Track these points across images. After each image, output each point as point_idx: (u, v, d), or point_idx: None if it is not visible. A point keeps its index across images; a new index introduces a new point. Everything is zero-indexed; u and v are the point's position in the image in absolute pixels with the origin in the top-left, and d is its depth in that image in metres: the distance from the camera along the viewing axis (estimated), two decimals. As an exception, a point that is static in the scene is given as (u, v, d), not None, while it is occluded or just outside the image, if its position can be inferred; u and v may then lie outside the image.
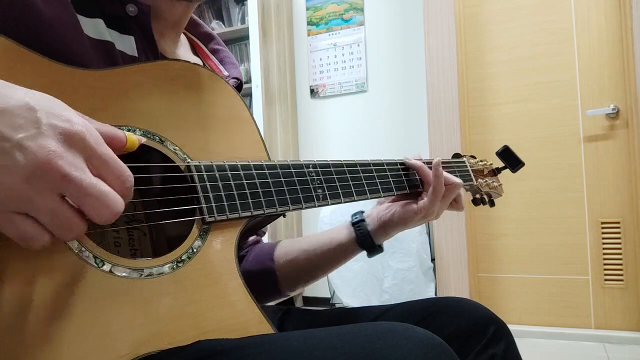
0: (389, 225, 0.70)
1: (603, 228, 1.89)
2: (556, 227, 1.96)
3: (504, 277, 2.05)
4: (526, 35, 2.00)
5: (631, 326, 1.85)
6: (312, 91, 2.43)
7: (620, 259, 1.86)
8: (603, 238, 1.89)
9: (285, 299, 0.76)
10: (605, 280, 1.89)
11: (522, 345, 0.61)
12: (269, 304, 0.76)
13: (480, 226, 2.08)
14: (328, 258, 0.71)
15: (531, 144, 1.99)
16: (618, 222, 1.87)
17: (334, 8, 2.38)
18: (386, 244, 0.75)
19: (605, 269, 1.89)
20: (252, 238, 0.74)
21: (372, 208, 0.72)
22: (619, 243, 1.87)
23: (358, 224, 0.70)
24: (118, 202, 0.34)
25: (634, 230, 1.84)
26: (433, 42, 2.06)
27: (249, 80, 2.33)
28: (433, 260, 2.01)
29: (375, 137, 2.27)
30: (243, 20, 2.45)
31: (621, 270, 1.86)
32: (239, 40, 2.46)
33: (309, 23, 2.44)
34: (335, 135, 2.38)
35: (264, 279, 0.70)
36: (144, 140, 0.42)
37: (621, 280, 1.86)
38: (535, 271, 1.99)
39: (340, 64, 2.36)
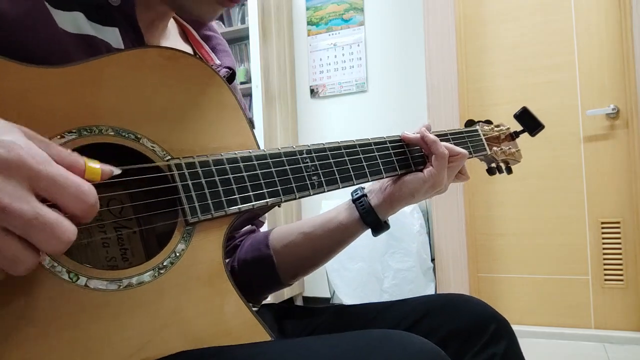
0: (395, 197, 0.65)
1: (603, 228, 1.89)
2: (556, 227, 1.96)
3: (504, 277, 2.04)
4: (526, 35, 2.00)
5: (631, 326, 1.84)
6: (312, 91, 2.43)
7: (620, 259, 1.86)
8: (603, 238, 1.89)
9: (284, 289, 0.73)
10: (605, 280, 1.89)
11: (522, 345, 0.60)
12: (268, 296, 0.73)
13: (480, 226, 2.08)
14: (329, 239, 0.66)
15: (531, 144, 1.98)
16: (618, 222, 1.87)
17: (334, 8, 2.38)
18: (386, 244, 0.73)
19: (605, 269, 1.89)
20: (246, 227, 0.71)
21: (373, 183, 0.67)
22: (619, 243, 1.86)
23: (359, 199, 0.65)
24: (68, 231, 0.31)
25: (634, 230, 1.84)
26: (433, 42, 2.06)
27: (249, 80, 2.33)
28: (433, 260, 2.01)
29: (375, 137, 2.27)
30: (243, 20, 2.45)
31: (621, 270, 1.86)
32: (239, 40, 2.46)
33: (309, 23, 2.44)
34: (335, 136, 2.38)
35: (261, 267, 0.66)
36: (115, 172, 0.36)
37: (621, 280, 1.86)
38: (535, 271, 1.99)
39: (340, 64, 2.36)
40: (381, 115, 2.27)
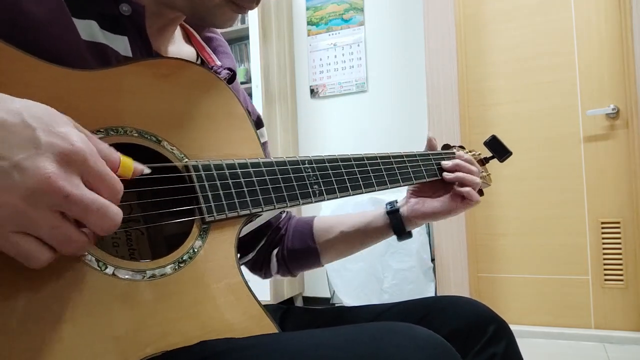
0: (420, 218, 0.76)
1: (603, 228, 1.89)
2: (556, 227, 1.96)
3: (504, 277, 2.05)
4: (526, 35, 2.00)
5: (631, 326, 1.85)
6: (312, 91, 2.43)
7: (620, 259, 1.87)
8: (603, 238, 1.89)
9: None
10: (605, 280, 1.89)
11: (522, 345, 0.61)
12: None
13: (480, 226, 2.08)
14: (363, 239, 0.77)
15: (531, 144, 1.99)
16: (618, 222, 1.87)
17: (334, 8, 2.38)
18: (386, 244, 0.77)
19: (605, 269, 1.89)
20: (285, 215, 0.80)
21: (404, 200, 0.78)
22: (619, 243, 1.87)
23: (394, 213, 0.76)
24: (118, 213, 0.35)
25: (634, 230, 1.84)
26: (433, 42, 2.06)
27: (249, 80, 2.33)
28: (433, 260, 2.01)
29: (376, 137, 2.27)
30: (243, 20, 2.45)
31: (621, 270, 1.86)
32: (239, 40, 2.46)
33: (309, 23, 2.44)
34: (335, 136, 2.38)
35: (308, 256, 0.77)
36: (146, 171, 0.40)
37: (621, 280, 1.86)
38: (535, 271, 1.99)
39: (340, 64, 2.36)
40: (381, 115, 2.27)
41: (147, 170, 0.40)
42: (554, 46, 1.96)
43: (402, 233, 0.77)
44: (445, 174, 0.75)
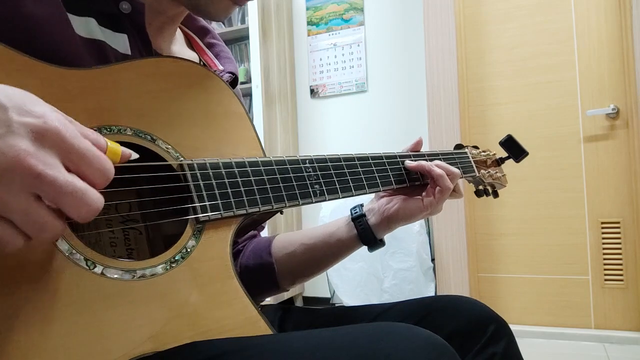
0: (393, 221, 0.68)
1: (603, 228, 1.89)
2: (556, 227, 1.96)
3: (504, 277, 2.05)
4: (526, 35, 2.00)
5: (631, 326, 1.85)
6: (312, 91, 2.43)
7: (620, 259, 1.86)
8: (603, 238, 1.89)
9: (284, 292, 0.74)
10: (605, 280, 1.89)
11: (522, 345, 0.61)
12: (268, 298, 0.75)
13: (480, 226, 2.08)
14: (328, 253, 0.69)
15: (531, 144, 1.99)
16: (618, 222, 1.87)
17: (334, 8, 2.38)
18: (386, 243, 0.74)
19: (605, 269, 1.89)
20: (248, 233, 0.73)
21: (372, 201, 0.71)
22: (619, 243, 1.87)
23: (359, 219, 0.69)
24: (97, 199, 0.32)
25: (634, 230, 1.84)
26: (433, 42, 2.06)
27: (249, 80, 2.33)
28: (433, 260, 2.01)
29: (376, 137, 2.27)
30: (243, 20, 2.45)
31: (621, 270, 1.86)
32: (239, 40, 2.45)
33: (309, 23, 2.44)
34: (335, 136, 2.38)
35: (262, 273, 0.69)
36: (134, 156, 0.39)
37: (621, 280, 1.86)
38: (535, 271, 1.99)
39: (340, 64, 2.36)
40: (381, 115, 2.27)
41: (135, 155, 0.39)
42: (554, 46, 1.96)
43: (373, 242, 0.68)
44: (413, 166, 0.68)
